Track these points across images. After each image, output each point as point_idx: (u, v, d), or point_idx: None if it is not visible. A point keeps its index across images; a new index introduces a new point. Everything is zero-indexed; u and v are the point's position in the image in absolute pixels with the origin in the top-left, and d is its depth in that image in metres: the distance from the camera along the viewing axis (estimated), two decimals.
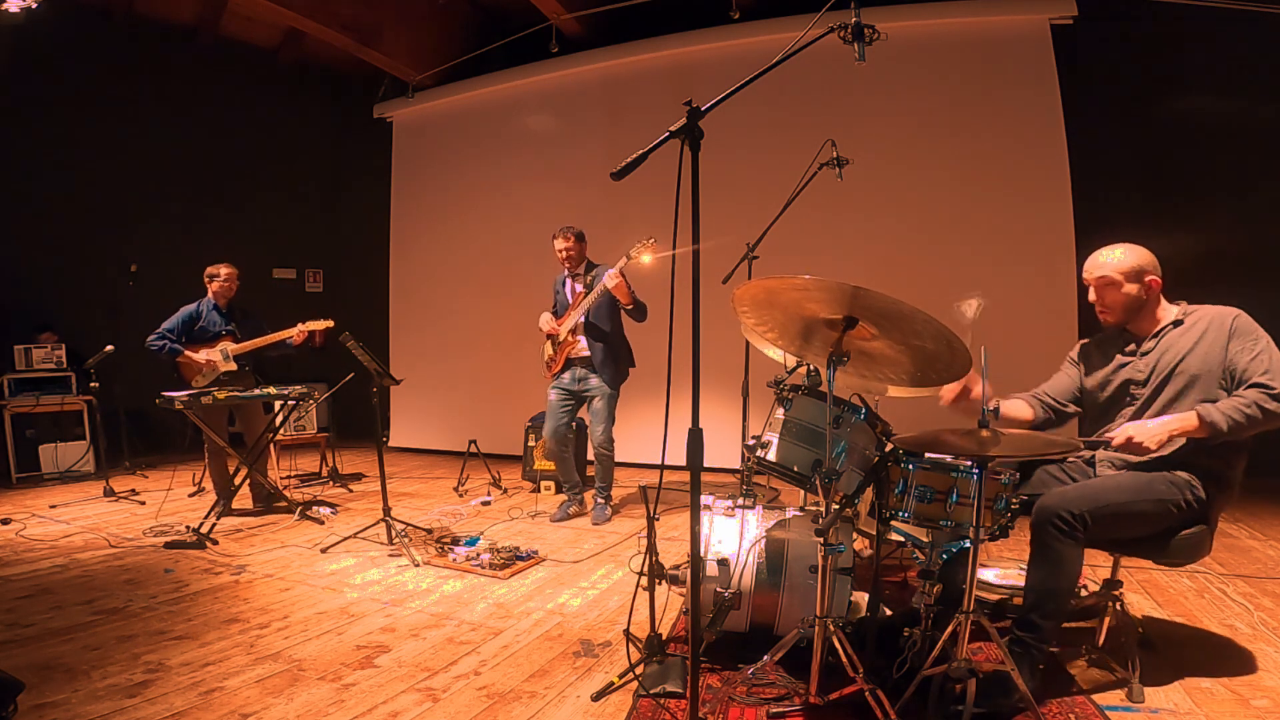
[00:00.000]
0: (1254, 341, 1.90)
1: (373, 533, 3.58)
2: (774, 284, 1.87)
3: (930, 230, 5.03)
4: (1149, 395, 2.03)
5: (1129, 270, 2.02)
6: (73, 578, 3.06)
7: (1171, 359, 1.99)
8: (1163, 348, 2.02)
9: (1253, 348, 1.89)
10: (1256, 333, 1.92)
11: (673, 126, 1.50)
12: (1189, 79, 4.91)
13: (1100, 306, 2.10)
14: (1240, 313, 1.96)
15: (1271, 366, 1.85)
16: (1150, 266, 2.02)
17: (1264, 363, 1.86)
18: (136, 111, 6.57)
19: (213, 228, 7.08)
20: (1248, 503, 4.07)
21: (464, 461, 5.18)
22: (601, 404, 3.92)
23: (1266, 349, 1.88)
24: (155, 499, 4.60)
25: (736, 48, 5.44)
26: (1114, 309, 2.07)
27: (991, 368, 1.79)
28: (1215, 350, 1.93)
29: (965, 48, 4.97)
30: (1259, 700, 1.87)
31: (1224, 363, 1.92)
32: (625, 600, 2.59)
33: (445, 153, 6.93)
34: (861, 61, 1.83)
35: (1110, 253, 2.06)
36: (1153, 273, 2.02)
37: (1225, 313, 1.97)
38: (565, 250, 3.93)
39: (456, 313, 6.81)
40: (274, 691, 2.01)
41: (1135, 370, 2.07)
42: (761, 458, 2.13)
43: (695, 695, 1.56)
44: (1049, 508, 1.85)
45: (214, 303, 4.32)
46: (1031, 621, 1.85)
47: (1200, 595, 2.71)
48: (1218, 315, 1.98)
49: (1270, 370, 1.84)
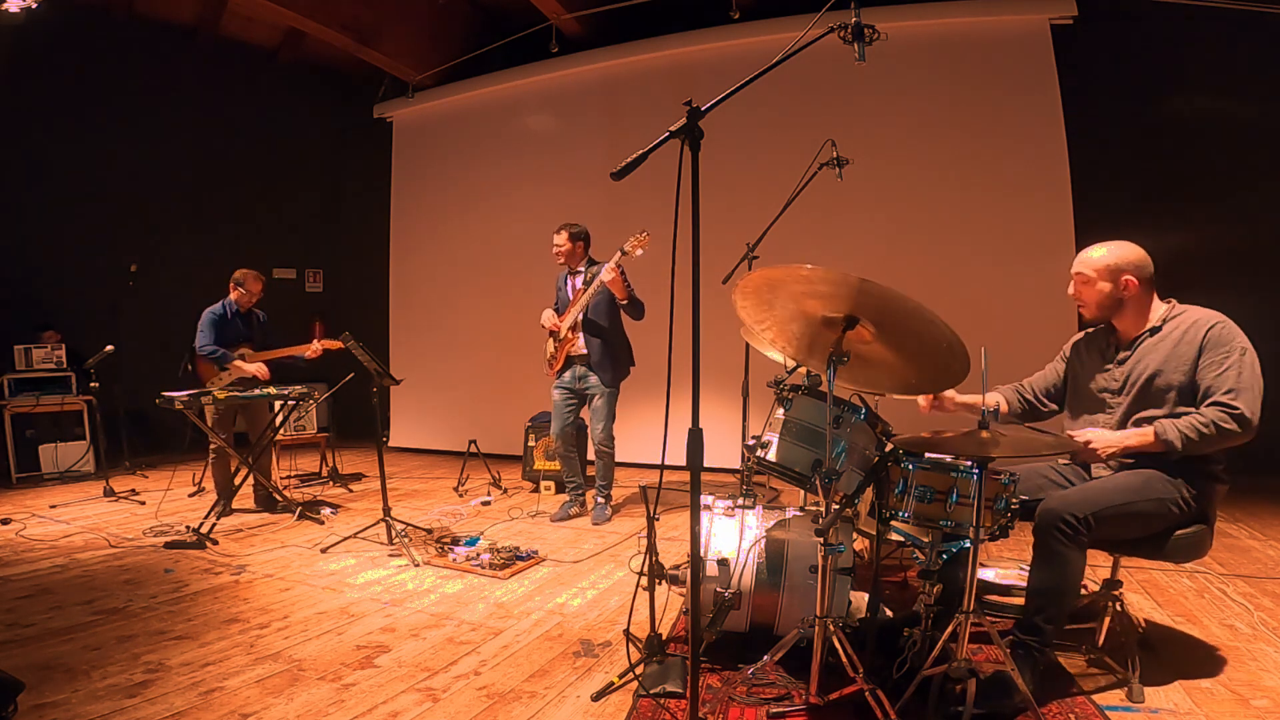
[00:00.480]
0: (1225, 355, 1.86)
1: (373, 533, 3.58)
2: (776, 274, 1.85)
3: (930, 230, 5.03)
4: (1123, 405, 2.04)
5: (1103, 268, 2.03)
6: (73, 578, 3.06)
7: (1143, 370, 1.99)
8: (1137, 357, 2.03)
9: (1222, 362, 1.86)
10: (1230, 344, 1.87)
11: (673, 126, 1.50)
12: (1189, 79, 4.91)
13: (1076, 300, 2.13)
14: (1218, 321, 1.92)
15: (1238, 384, 1.82)
16: (1130, 266, 2.01)
17: (1229, 380, 1.83)
18: (136, 111, 6.57)
19: (213, 227, 7.09)
20: (1248, 503, 4.07)
21: (464, 461, 5.18)
22: (601, 402, 3.93)
23: (1237, 363, 1.84)
24: (155, 499, 4.59)
25: (736, 48, 5.44)
26: (1088, 304, 2.10)
27: (991, 368, 1.79)
28: (1184, 363, 1.92)
29: (965, 48, 4.97)
30: (1259, 700, 1.87)
31: (1193, 375, 1.91)
32: (625, 600, 2.59)
33: (445, 153, 6.93)
34: (861, 61, 1.83)
35: (1095, 249, 2.07)
36: (1131, 273, 2.00)
37: (1203, 321, 1.93)
38: (557, 247, 3.94)
39: (456, 313, 6.81)
40: (274, 691, 2.01)
41: (1111, 378, 2.09)
42: (761, 458, 2.13)
43: (695, 695, 1.56)
44: (1052, 511, 1.85)
45: (236, 307, 4.34)
46: (1035, 625, 1.86)
47: (1200, 595, 2.71)
48: (1194, 324, 1.94)
49: (1235, 389, 1.82)
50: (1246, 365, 1.85)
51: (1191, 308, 2.01)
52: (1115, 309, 2.06)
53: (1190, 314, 1.99)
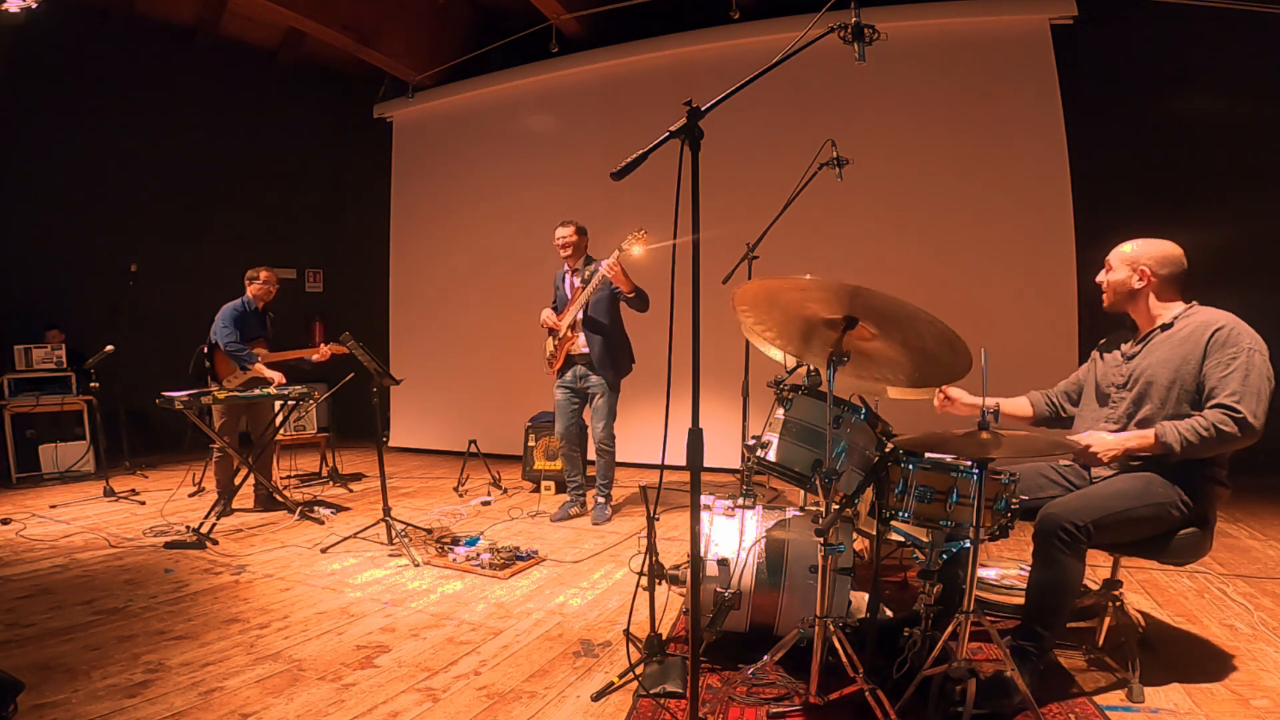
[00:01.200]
0: (1232, 357, 1.84)
1: (373, 533, 3.57)
2: (774, 284, 1.88)
3: (930, 230, 5.03)
4: (1125, 400, 2.04)
5: (1123, 258, 2.08)
6: (73, 578, 3.06)
7: (1147, 367, 2.00)
8: (1145, 354, 2.03)
9: (1229, 364, 1.84)
10: (1238, 345, 1.85)
11: (673, 126, 1.50)
12: (1189, 79, 4.91)
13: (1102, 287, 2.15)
14: (1226, 322, 1.90)
15: (1242, 387, 1.80)
16: (1149, 259, 2.02)
17: (1233, 382, 1.81)
18: (136, 112, 6.57)
19: (213, 227, 7.09)
20: (1248, 503, 4.07)
21: (464, 461, 5.17)
22: (602, 401, 3.93)
23: (1243, 365, 1.82)
24: (155, 499, 4.60)
25: (736, 48, 5.44)
26: (1107, 291, 2.13)
27: (991, 368, 1.79)
28: (1190, 363, 1.91)
29: (965, 48, 4.97)
30: (1259, 700, 1.87)
31: (1198, 376, 1.90)
32: (625, 600, 2.59)
33: (445, 153, 6.93)
34: (861, 61, 1.83)
35: (1129, 243, 2.10)
36: (1148, 264, 2.02)
37: (1210, 322, 1.92)
38: (564, 238, 3.93)
39: (456, 313, 6.81)
40: (274, 691, 2.01)
41: (1120, 373, 2.09)
42: (761, 458, 2.13)
43: (695, 695, 1.56)
44: (1053, 518, 1.85)
45: (253, 305, 4.35)
46: (1034, 631, 1.86)
47: (1200, 595, 2.71)
48: (1201, 324, 1.93)
49: (1238, 392, 1.80)
50: (1254, 368, 1.82)
51: (1205, 308, 2.00)
52: (1128, 300, 2.08)
53: (1200, 314, 1.98)
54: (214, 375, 4.27)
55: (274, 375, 4.21)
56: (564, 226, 3.95)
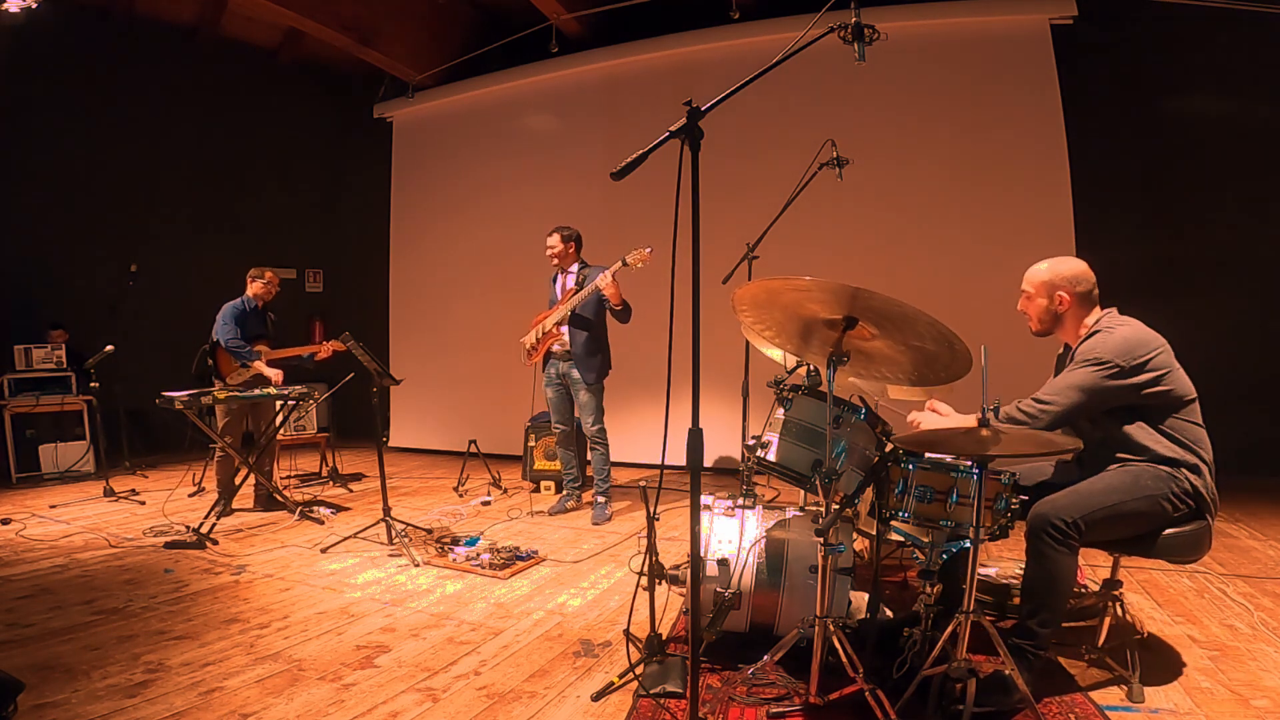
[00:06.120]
0: (1080, 363, 1.93)
1: (373, 533, 3.57)
2: (774, 285, 1.88)
3: (930, 230, 5.02)
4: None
5: (1040, 284, 2.10)
6: (73, 578, 3.06)
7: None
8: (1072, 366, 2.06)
9: (1072, 368, 1.95)
10: (1093, 353, 1.92)
11: (673, 126, 1.50)
12: (1189, 79, 4.91)
13: (1023, 315, 2.18)
14: (1102, 331, 1.96)
15: (1058, 383, 1.94)
16: (1064, 282, 2.05)
17: (1057, 383, 1.95)
18: (137, 111, 6.57)
19: (213, 227, 7.09)
20: (1248, 503, 4.06)
21: (464, 461, 5.17)
22: (588, 397, 4.00)
23: (1074, 370, 1.93)
24: (155, 499, 4.60)
25: (736, 48, 5.43)
26: (1031, 318, 2.16)
27: (990, 367, 1.79)
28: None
29: (965, 48, 4.96)
30: (1259, 700, 1.87)
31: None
32: (625, 600, 2.59)
33: (445, 153, 6.93)
34: (861, 61, 1.83)
35: (1039, 265, 2.12)
36: (1064, 288, 2.04)
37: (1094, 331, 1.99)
38: (552, 248, 4.03)
39: (456, 313, 6.80)
40: (274, 691, 2.01)
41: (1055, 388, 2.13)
42: (761, 458, 2.13)
43: (695, 695, 1.56)
44: (1042, 515, 1.86)
45: (254, 304, 4.36)
46: (1029, 629, 1.87)
47: (1200, 595, 2.71)
48: (1092, 334, 2.00)
49: (1053, 386, 1.95)
50: (1078, 376, 1.91)
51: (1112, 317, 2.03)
52: (1054, 323, 2.11)
53: (1104, 322, 2.02)
54: (217, 373, 4.28)
55: (273, 373, 4.21)
56: (551, 235, 4.04)
